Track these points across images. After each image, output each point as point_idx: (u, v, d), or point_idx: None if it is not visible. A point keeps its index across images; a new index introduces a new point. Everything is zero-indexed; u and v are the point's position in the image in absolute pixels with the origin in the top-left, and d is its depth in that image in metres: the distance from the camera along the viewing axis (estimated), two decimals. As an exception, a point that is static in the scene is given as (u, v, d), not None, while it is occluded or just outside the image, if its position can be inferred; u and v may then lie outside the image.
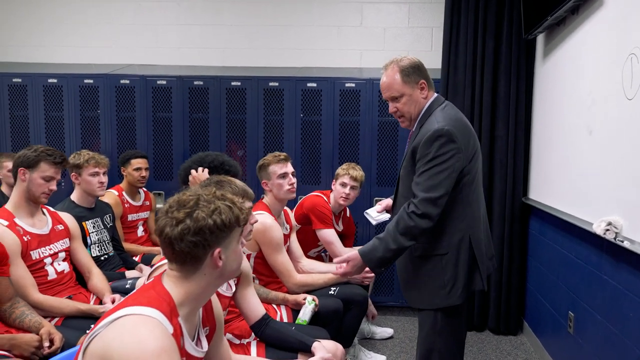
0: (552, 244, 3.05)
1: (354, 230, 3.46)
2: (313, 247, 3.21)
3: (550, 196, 3.07)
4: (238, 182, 1.80)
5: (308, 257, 3.08)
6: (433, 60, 3.78)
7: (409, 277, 2.04)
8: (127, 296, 1.22)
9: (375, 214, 2.29)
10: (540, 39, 3.38)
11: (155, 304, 1.12)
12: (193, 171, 2.24)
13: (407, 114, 2.00)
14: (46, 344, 1.92)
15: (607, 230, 2.17)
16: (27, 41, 4.48)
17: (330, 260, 3.22)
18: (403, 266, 2.06)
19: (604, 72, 2.33)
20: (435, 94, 2.03)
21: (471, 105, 3.51)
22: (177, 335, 1.15)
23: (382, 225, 2.16)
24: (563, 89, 2.92)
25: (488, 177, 3.52)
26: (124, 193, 3.44)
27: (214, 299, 1.48)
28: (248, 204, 1.76)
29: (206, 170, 2.23)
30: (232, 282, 1.91)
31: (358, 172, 3.14)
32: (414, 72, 1.96)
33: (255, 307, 2.00)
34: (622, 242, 2.07)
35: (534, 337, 3.33)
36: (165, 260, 1.27)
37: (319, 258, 3.27)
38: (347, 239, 3.38)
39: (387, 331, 3.50)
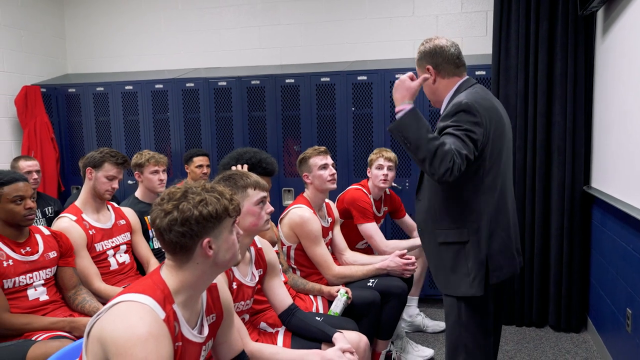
0: (612, 236, 2.84)
1: (400, 202, 3.44)
2: (359, 240, 3.25)
3: (612, 185, 2.86)
4: (252, 174, 1.89)
5: (356, 249, 3.14)
6: (488, 46, 3.65)
7: (437, 264, 2.02)
8: (130, 285, 1.37)
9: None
10: (599, 15, 3.13)
11: (149, 292, 1.26)
12: (233, 167, 2.36)
13: (428, 96, 2.06)
14: (102, 326, 2.16)
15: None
16: (108, 53, 4.95)
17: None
18: (430, 252, 2.05)
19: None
20: (462, 78, 1.98)
21: (525, 91, 3.34)
22: (170, 321, 1.26)
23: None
24: (624, 67, 2.69)
25: (545, 165, 3.34)
26: (187, 189, 3.70)
27: (222, 287, 1.58)
28: (261, 194, 1.85)
29: (245, 166, 2.35)
30: (255, 272, 2.01)
31: (391, 154, 3.15)
32: (424, 56, 1.97)
33: (282, 297, 2.10)
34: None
35: (597, 336, 3.13)
36: None
37: (366, 250, 3.31)
38: (397, 212, 3.40)
39: (439, 325, 3.46)
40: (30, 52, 4.67)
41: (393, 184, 3.57)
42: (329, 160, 2.78)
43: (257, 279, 2.04)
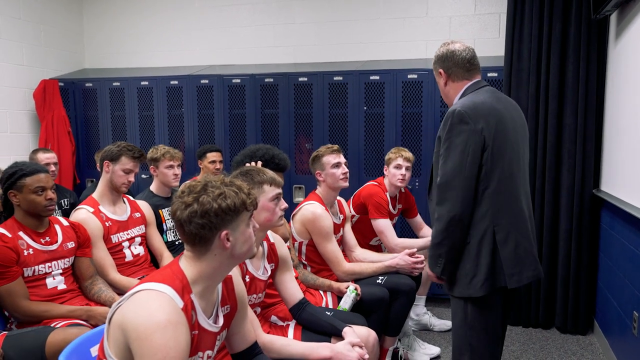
0: (620, 239, 2.86)
1: (414, 201, 3.48)
2: (373, 236, 3.28)
3: (621, 188, 2.88)
4: (268, 170, 1.94)
5: (368, 246, 3.18)
6: (500, 48, 3.66)
7: None
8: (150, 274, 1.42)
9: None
10: (613, 18, 3.14)
11: (168, 281, 1.31)
12: (247, 164, 2.41)
13: (443, 97, 2.14)
14: (118, 316, 2.23)
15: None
16: (124, 49, 5.03)
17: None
18: None
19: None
20: (471, 82, 2.02)
21: (536, 93, 3.36)
22: (188, 310, 1.32)
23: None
24: (636, 72, 2.71)
25: (555, 168, 3.36)
26: (200, 184, 3.77)
27: (237, 280, 1.64)
28: (276, 191, 1.90)
29: (259, 162, 2.40)
30: (268, 266, 2.06)
31: (409, 153, 3.19)
32: (437, 61, 2.05)
33: (293, 291, 2.15)
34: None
35: (604, 338, 3.15)
36: None
37: (378, 248, 3.35)
38: (410, 210, 3.44)
39: (446, 324, 3.50)
40: (49, 46, 4.76)
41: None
42: (341, 158, 2.83)
43: (269, 273, 2.09)
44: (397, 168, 3.17)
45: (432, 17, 4.20)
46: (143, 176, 4.33)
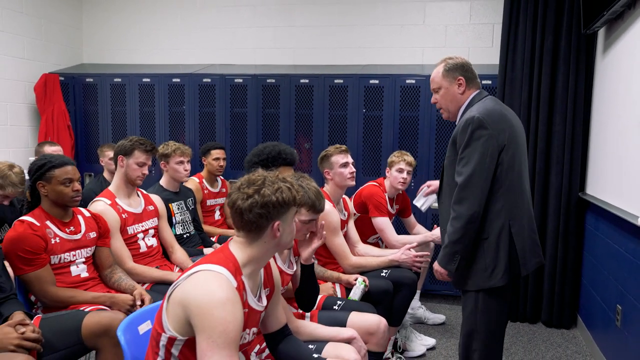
0: (605, 239, 3.09)
1: (409, 202, 3.65)
2: (372, 234, 3.44)
3: (605, 191, 3.11)
4: (312, 191, 1.96)
5: (367, 243, 3.34)
6: (493, 57, 3.88)
7: None
8: (203, 257, 1.55)
9: (422, 200, 2.50)
10: (601, 34, 3.38)
11: (223, 263, 1.44)
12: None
13: (444, 105, 2.24)
14: (138, 302, 2.31)
15: (650, 223, 2.24)
16: (124, 45, 5.09)
17: (386, 247, 3.45)
18: None
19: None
20: (478, 91, 2.21)
21: (528, 101, 3.58)
22: (240, 289, 1.45)
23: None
24: (619, 84, 2.94)
25: (544, 172, 3.58)
26: (204, 180, 3.86)
27: (274, 266, 1.78)
28: (311, 217, 1.95)
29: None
30: (294, 260, 2.18)
31: (411, 158, 3.35)
32: (455, 69, 2.18)
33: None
34: (662, 235, 2.14)
35: (587, 332, 3.38)
36: None
37: (376, 244, 3.51)
38: (405, 211, 3.61)
39: (439, 317, 3.69)
40: (49, 40, 4.79)
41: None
42: (349, 158, 2.98)
43: (294, 267, 2.22)
44: (399, 172, 3.32)
45: (429, 25, 4.39)
46: (152, 172, 4.39)
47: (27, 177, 2.56)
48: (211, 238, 3.62)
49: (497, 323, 2.17)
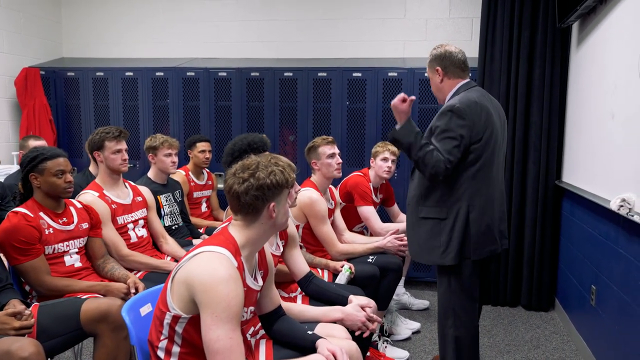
0: (580, 223, 3.24)
1: (392, 192, 3.76)
2: (357, 223, 3.53)
3: (580, 178, 3.25)
4: (283, 158, 2.10)
5: (352, 231, 3.42)
6: (472, 50, 3.99)
7: (413, 234, 2.38)
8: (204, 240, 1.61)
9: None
10: (575, 28, 3.52)
11: (224, 245, 1.51)
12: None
13: (434, 92, 2.44)
14: (132, 290, 2.35)
15: (621, 206, 2.37)
16: (108, 39, 5.06)
17: (371, 235, 3.54)
18: (410, 225, 2.40)
19: (625, 59, 2.50)
20: (464, 80, 2.33)
21: (506, 93, 3.71)
22: (240, 269, 1.52)
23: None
24: (592, 76, 3.08)
25: (522, 161, 3.72)
26: (190, 173, 3.89)
27: (267, 249, 1.85)
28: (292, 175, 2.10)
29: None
30: (280, 244, 2.27)
31: (394, 148, 3.43)
32: (434, 59, 2.34)
33: (301, 265, 2.36)
34: (633, 216, 2.28)
35: (564, 313, 3.53)
36: None
37: (361, 233, 3.60)
38: (389, 200, 3.71)
39: (423, 303, 3.80)
40: (28, 34, 4.73)
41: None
42: (336, 149, 3.05)
43: (281, 249, 2.30)
44: (384, 161, 3.42)
45: (410, 19, 4.49)
46: (137, 166, 4.39)
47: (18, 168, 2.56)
48: (199, 230, 3.66)
49: (469, 300, 2.32)
